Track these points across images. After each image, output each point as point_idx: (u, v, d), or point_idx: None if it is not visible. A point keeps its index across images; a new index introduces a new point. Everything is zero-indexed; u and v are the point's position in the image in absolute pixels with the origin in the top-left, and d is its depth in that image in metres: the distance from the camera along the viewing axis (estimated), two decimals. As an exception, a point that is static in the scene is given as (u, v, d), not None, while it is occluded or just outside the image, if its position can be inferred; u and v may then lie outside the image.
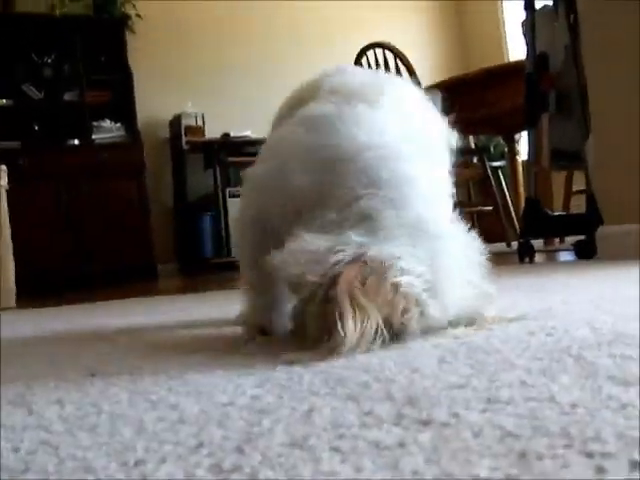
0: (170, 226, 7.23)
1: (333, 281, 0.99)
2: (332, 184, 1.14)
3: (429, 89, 2.64)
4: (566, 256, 3.64)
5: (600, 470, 0.46)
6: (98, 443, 0.67)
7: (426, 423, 0.61)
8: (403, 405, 0.68)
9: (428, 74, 6.24)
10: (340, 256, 1.02)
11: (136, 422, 0.74)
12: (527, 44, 3.75)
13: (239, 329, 1.55)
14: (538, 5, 3.91)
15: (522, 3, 3.97)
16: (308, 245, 1.05)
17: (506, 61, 7.77)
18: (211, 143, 7.08)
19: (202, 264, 6.91)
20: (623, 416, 0.57)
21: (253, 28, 7.80)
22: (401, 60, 4.81)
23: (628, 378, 0.70)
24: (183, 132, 7.03)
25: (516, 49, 7.63)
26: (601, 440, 0.52)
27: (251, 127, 7.19)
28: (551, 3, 3.83)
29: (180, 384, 0.93)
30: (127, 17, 6.92)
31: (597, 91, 2.99)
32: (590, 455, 0.49)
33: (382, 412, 0.66)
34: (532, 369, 0.79)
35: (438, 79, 5.28)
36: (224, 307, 2.18)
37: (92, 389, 0.96)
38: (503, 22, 8.50)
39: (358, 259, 1.01)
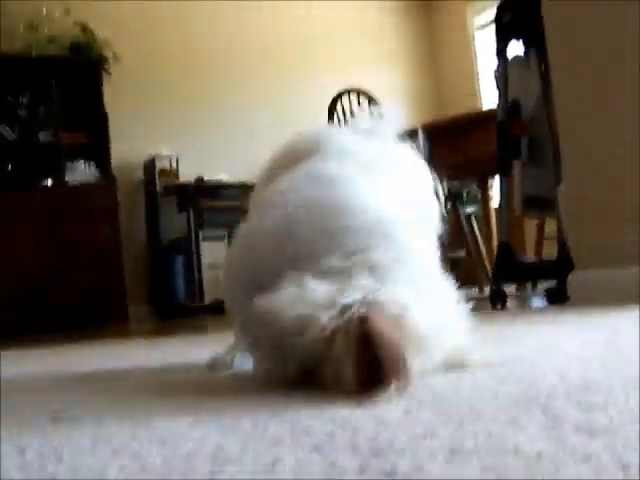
0: (143, 269, 7.19)
1: (358, 324, 0.98)
2: (335, 235, 1.16)
3: (412, 133, 2.67)
4: (538, 302, 3.65)
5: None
6: (57, 493, 0.66)
7: (389, 475, 0.60)
8: (368, 456, 0.67)
9: (402, 119, 6.28)
10: (350, 299, 1.02)
11: (97, 472, 0.73)
12: (499, 92, 3.79)
13: (209, 374, 1.54)
14: (510, 54, 3.97)
15: (495, 51, 4.02)
16: (311, 289, 1.06)
17: (480, 107, 7.86)
18: (185, 186, 7.08)
19: (174, 307, 6.88)
20: (588, 468, 0.57)
21: (229, 73, 7.84)
22: (375, 105, 4.85)
23: (594, 428, 0.70)
24: (157, 175, 7.02)
25: (490, 96, 7.72)
26: (564, 493, 0.51)
27: (225, 171, 7.22)
28: (522, 52, 3.88)
29: (145, 431, 0.92)
30: (104, 59, 6.93)
31: (568, 138, 3.02)
32: (553, 509, 0.48)
33: (346, 463, 0.65)
34: (499, 419, 0.78)
35: (413, 124, 5.32)
36: (195, 352, 2.16)
37: (55, 435, 0.94)
38: (477, 70, 8.61)
39: (373, 302, 1.02)
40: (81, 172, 6.73)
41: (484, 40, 8.30)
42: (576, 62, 2.98)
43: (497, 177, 4.36)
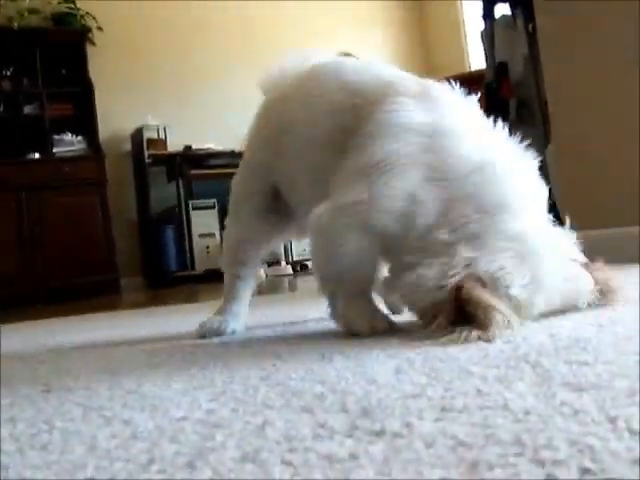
0: (133, 239, 7.18)
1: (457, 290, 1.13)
2: (450, 203, 1.24)
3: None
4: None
5: (550, 478, 0.46)
6: (48, 462, 0.66)
7: (379, 434, 0.60)
8: (357, 416, 0.68)
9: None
10: (453, 279, 1.15)
11: (88, 439, 0.73)
12: (486, 53, 3.78)
13: (199, 340, 1.55)
14: (497, 15, 3.95)
15: (481, 13, 4.00)
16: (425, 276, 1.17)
17: (468, 70, 7.82)
18: (173, 156, 7.04)
19: (166, 277, 6.87)
20: (576, 422, 0.57)
21: (214, 41, 7.78)
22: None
23: (582, 384, 0.70)
24: (145, 145, 6.99)
25: (478, 58, 7.68)
26: (552, 447, 0.51)
27: (213, 140, 7.18)
28: (509, 13, 3.86)
29: (136, 398, 0.92)
30: (87, 29, 6.87)
31: (557, 98, 3.01)
32: (541, 463, 0.49)
33: (336, 424, 0.66)
34: (488, 377, 0.78)
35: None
36: (186, 320, 2.16)
37: (46, 406, 0.94)
38: (464, 31, 8.56)
39: (471, 275, 1.15)
40: (68, 144, 6.69)
41: (472, 1, 8.24)
42: (564, 22, 2.96)
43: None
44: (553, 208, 3.10)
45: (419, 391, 0.75)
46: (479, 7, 4.09)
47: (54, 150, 6.58)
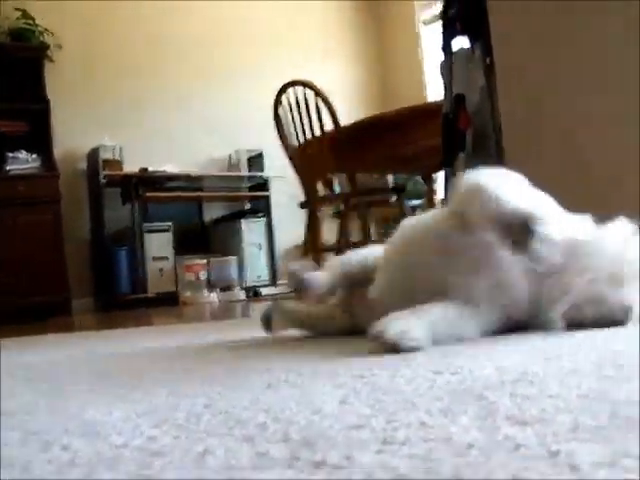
0: (86, 261, 7.11)
1: None
2: None
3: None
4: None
5: (488, 514, 0.45)
6: (-21, 488, 0.64)
7: (319, 465, 0.60)
8: (299, 447, 0.67)
9: (348, 112, 6.28)
10: None
11: (23, 465, 0.71)
12: (444, 85, 3.81)
13: (144, 366, 1.52)
14: (456, 47, 3.99)
15: (440, 45, 4.04)
16: None
17: (426, 101, 7.89)
18: (129, 177, 7.01)
19: (118, 300, 6.81)
20: (517, 457, 0.57)
21: (173, 62, 7.78)
22: (321, 98, 4.85)
23: (526, 418, 0.70)
24: (101, 165, 6.94)
25: (436, 89, 7.76)
26: (492, 483, 0.51)
27: (170, 162, 7.16)
28: (468, 45, 3.90)
29: (78, 424, 0.90)
30: (46, 46, 6.83)
31: (511, 131, 3.05)
32: (479, 499, 0.48)
33: (276, 454, 0.65)
34: (432, 409, 0.78)
35: (358, 117, 5.32)
36: (136, 342, 2.14)
37: (-17, 429, 0.92)
38: (423, 62, 8.65)
39: None
40: (22, 162, 6.62)
41: (430, 34, 8.35)
42: (520, 54, 3.01)
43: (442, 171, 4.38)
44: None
45: (363, 422, 0.75)
46: (438, 39, 4.13)
47: (7, 168, 6.51)
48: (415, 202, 6.18)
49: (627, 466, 0.52)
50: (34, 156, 6.66)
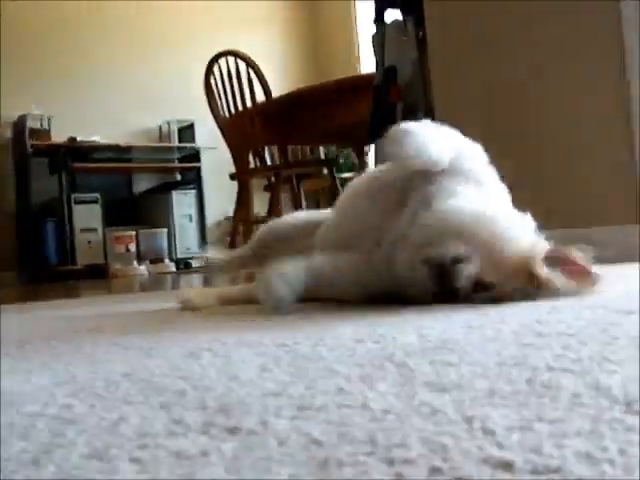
0: (12, 233, 6.97)
1: None
2: None
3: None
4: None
5: (399, 477, 0.45)
6: None
7: (233, 432, 0.59)
8: (215, 413, 0.66)
9: (280, 84, 6.25)
10: None
11: None
12: (376, 57, 3.80)
13: (67, 336, 1.50)
14: (388, 19, 3.98)
15: (373, 17, 4.03)
16: None
17: (358, 73, 7.89)
18: (57, 147, 6.88)
19: (46, 272, 6.71)
20: (432, 422, 0.57)
21: (103, 29, 7.65)
22: (253, 69, 4.81)
23: (444, 384, 0.70)
24: (27, 135, 6.80)
25: (369, 62, 7.77)
26: (405, 446, 0.51)
27: (100, 132, 7.05)
28: (401, 18, 3.90)
29: (-9, 394, 0.88)
30: (-30, 13, 6.66)
31: (443, 105, 3.06)
32: (391, 462, 0.48)
33: (191, 421, 0.64)
34: (352, 376, 0.78)
35: (290, 89, 5.30)
36: (59, 313, 2.11)
37: None
38: (356, 34, 8.64)
39: None
40: (-55, 130, 6.46)
41: (365, 6, 8.33)
42: (453, 29, 3.02)
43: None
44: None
45: (281, 389, 0.74)
46: (371, 11, 4.12)
47: None
48: (347, 175, 6.18)
49: (539, 430, 0.53)
50: (-43, 124, 6.53)
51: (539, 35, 2.73)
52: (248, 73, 4.80)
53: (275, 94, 4.79)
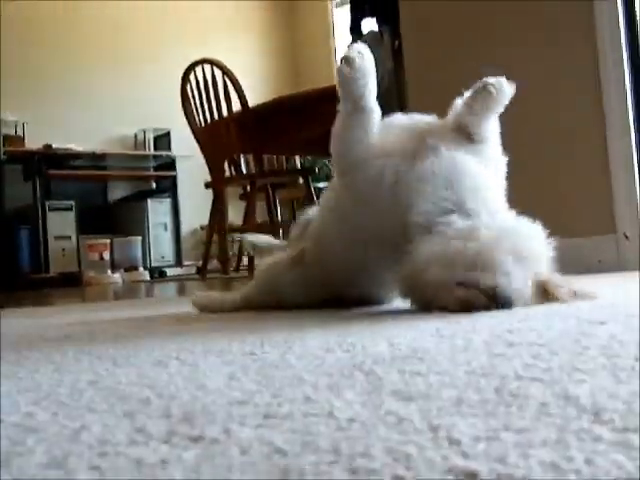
0: (-16, 239, 6.92)
1: None
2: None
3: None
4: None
5: (361, 487, 0.44)
6: None
7: (196, 440, 0.58)
8: (178, 422, 0.65)
9: (256, 93, 6.25)
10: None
11: None
12: (352, 67, 3.81)
13: (36, 343, 1.48)
14: (365, 29, 4.00)
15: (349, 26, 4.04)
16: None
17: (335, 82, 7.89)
18: (32, 154, 6.84)
19: (19, 279, 6.65)
20: (398, 431, 0.56)
21: (77, 38, 7.62)
22: (229, 77, 4.80)
23: (412, 394, 0.70)
24: (1, 141, 6.76)
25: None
26: (369, 456, 0.50)
27: (75, 139, 7.02)
28: (377, 29, 3.92)
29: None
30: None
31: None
32: (354, 471, 0.47)
33: (154, 429, 0.63)
34: (319, 385, 0.77)
35: (266, 98, 5.30)
36: (28, 320, 2.09)
37: None
38: (334, 44, 8.67)
39: None
40: None
41: (343, 16, 8.35)
42: (429, 39, 3.03)
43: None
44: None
45: (247, 398, 0.73)
46: (348, 20, 4.13)
47: None
48: (322, 184, 6.19)
49: (506, 439, 0.52)
50: None
51: (515, 46, 2.75)
52: (224, 81, 4.80)
53: (252, 103, 4.79)
